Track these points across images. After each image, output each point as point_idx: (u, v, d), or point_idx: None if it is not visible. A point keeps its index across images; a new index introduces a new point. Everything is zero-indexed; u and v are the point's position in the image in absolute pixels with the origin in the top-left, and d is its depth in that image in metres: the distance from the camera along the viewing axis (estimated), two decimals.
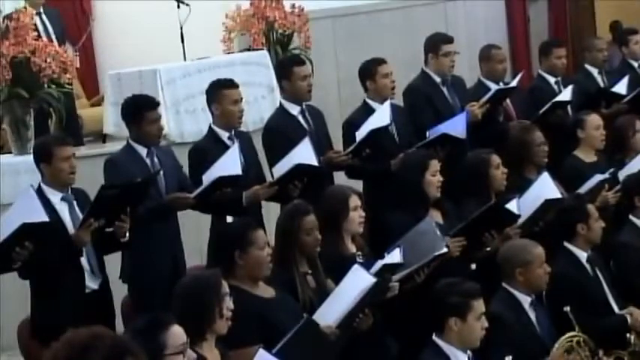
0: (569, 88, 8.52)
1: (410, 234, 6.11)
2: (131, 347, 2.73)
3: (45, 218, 5.69)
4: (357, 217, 6.10)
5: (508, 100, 8.39)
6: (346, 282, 5.42)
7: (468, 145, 7.63)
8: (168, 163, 6.68)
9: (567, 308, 5.95)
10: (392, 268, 5.79)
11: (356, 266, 5.45)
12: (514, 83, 8.33)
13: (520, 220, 6.64)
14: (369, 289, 5.31)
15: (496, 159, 6.97)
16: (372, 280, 5.34)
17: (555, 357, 5.74)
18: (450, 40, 8.24)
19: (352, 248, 6.12)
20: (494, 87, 8.42)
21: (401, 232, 6.30)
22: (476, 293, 5.19)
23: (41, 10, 9.58)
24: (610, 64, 10.29)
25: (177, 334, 3.99)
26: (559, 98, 8.43)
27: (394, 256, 5.84)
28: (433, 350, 5.17)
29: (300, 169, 6.65)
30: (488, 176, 6.91)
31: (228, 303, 4.64)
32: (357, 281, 5.38)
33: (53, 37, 9.42)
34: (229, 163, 6.52)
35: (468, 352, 5.19)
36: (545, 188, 6.90)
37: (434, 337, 5.18)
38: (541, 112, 8.27)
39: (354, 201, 6.10)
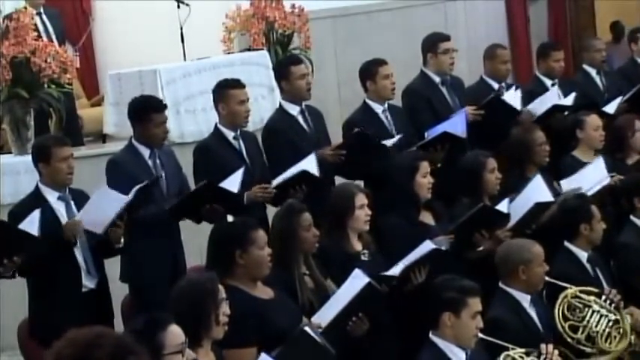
0: (572, 94, 8.50)
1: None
2: (134, 347, 2.73)
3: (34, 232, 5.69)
4: (362, 215, 6.10)
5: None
6: (346, 286, 5.42)
7: (468, 145, 7.63)
8: (170, 165, 6.68)
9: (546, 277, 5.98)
10: (387, 280, 5.79)
11: (357, 271, 5.44)
12: (518, 106, 8.12)
13: (511, 223, 6.64)
14: (359, 293, 5.30)
15: (492, 163, 6.95)
16: (364, 283, 5.33)
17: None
18: (447, 37, 8.23)
19: (358, 246, 6.12)
20: (495, 86, 8.41)
21: (393, 233, 6.33)
22: (472, 291, 5.18)
23: (41, 10, 9.57)
24: (609, 65, 10.28)
25: (175, 333, 3.98)
26: (561, 102, 8.41)
27: (394, 270, 5.85)
28: (431, 348, 5.17)
29: (304, 176, 6.63)
30: (482, 179, 6.90)
31: (225, 308, 4.62)
32: (356, 286, 5.38)
33: (53, 37, 9.42)
34: (231, 182, 6.51)
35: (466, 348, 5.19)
36: (537, 191, 6.90)
37: (431, 335, 5.17)
38: (541, 113, 8.24)
39: (361, 199, 6.11)
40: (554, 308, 6.00)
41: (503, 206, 6.59)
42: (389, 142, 7.24)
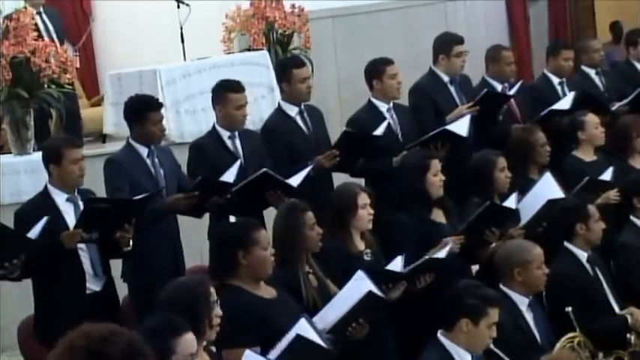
0: (570, 97, 8.50)
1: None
2: (145, 349, 2.74)
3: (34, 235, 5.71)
4: (365, 214, 6.09)
5: (512, 100, 8.35)
6: (348, 288, 5.41)
7: (472, 145, 7.64)
8: (168, 163, 6.69)
9: (569, 309, 5.95)
10: (391, 275, 5.78)
11: (359, 272, 5.44)
12: (512, 92, 8.27)
13: (523, 221, 6.66)
14: (361, 300, 5.29)
15: (502, 162, 6.97)
16: (367, 290, 5.32)
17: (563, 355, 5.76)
18: (461, 40, 8.22)
19: (360, 246, 6.11)
20: (499, 87, 8.42)
21: (404, 232, 6.33)
22: (494, 301, 5.14)
23: (41, 10, 9.57)
24: (608, 64, 10.28)
25: (188, 342, 3.92)
26: (558, 107, 8.41)
27: (395, 264, 5.83)
28: (436, 348, 5.13)
29: (267, 177, 6.58)
30: (492, 177, 6.92)
31: (217, 310, 4.58)
32: (358, 288, 5.37)
33: (54, 36, 9.43)
34: (228, 175, 6.53)
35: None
36: (548, 188, 6.92)
37: (439, 334, 5.14)
38: (539, 116, 8.25)
39: (363, 199, 6.10)
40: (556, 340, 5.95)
41: (510, 202, 6.61)
42: (378, 131, 7.24)
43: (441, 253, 6.03)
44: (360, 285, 5.38)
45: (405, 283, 5.75)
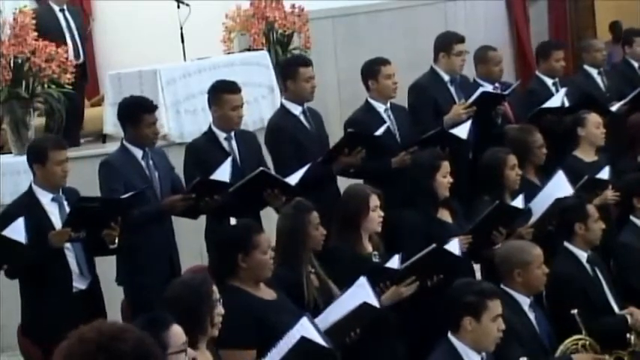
0: (560, 94, 8.50)
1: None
2: (155, 349, 2.75)
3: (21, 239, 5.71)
4: (376, 216, 6.10)
5: (506, 103, 8.36)
6: (349, 294, 5.41)
7: (473, 145, 7.64)
8: (163, 165, 6.69)
9: (575, 311, 5.95)
10: (384, 273, 5.77)
11: (361, 279, 5.43)
12: (507, 92, 8.29)
13: (532, 220, 6.69)
14: (354, 310, 5.28)
15: (513, 159, 7.02)
16: (361, 301, 5.31)
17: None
18: (462, 39, 8.25)
19: (369, 247, 6.12)
20: (489, 87, 8.43)
21: (410, 230, 6.35)
22: (492, 293, 5.14)
23: (64, 7, 9.54)
24: (609, 63, 10.28)
25: (177, 333, 3.98)
26: (548, 104, 8.41)
27: (393, 263, 5.83)
28: (446, 348, 5.12)
29: (264, 176, 6.58)
30: (503, 176, 6.95)
31: (219, 309, 4.60)
32: (358, 295, 5.36)
33: (75, 33, 9.43)
34: (221, 172, 6.53)
35: (482, 353, 5.14)
36: (559, 187, 6.94)
37: (449, 335, 5.13)
38: (529, 116, 8.26)
39: (374, 200, 6.11)
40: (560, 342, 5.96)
41: (518, 202, 6.62)
42: (379, 132, 7.25)
43: (454, 249, 6.02)
44: (360, 292, 5.38)
45: (414, 279, 5.73)
